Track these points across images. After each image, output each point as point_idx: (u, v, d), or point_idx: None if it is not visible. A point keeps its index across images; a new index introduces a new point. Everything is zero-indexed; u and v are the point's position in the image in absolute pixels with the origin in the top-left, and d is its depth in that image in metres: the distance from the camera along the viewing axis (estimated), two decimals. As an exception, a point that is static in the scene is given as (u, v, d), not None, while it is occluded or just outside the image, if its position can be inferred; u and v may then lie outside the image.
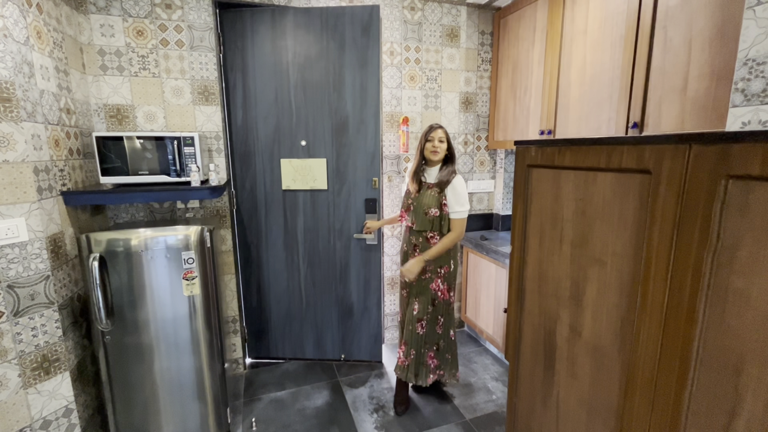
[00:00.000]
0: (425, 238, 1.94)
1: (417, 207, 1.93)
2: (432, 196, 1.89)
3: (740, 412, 0.65)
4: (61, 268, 1.54)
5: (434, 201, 1.89)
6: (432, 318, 1.97)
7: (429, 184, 1.92)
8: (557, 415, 1.09)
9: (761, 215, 0.60)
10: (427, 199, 1.90)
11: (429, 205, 1.89)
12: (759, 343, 0.62)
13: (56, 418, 1.51)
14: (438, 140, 1.90)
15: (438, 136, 1.90)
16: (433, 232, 1.92)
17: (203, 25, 2.04)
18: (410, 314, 1.96)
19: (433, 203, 1.89)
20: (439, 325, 2.00)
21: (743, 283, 0.63)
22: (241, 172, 2.32)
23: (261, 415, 2.05)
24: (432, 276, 1.93)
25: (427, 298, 1.94)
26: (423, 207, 1.91)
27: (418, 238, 1.96)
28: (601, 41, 1.77)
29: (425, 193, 1.91)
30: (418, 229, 1.93)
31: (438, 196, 1.88)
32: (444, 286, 1.97)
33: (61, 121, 1.62)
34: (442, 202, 1.88)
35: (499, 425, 1.95)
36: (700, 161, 0.68)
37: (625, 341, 0.86)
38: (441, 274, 1.95)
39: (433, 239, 1.91)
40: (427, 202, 1.90)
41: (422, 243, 1.95)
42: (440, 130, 1.91)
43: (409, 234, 2.02)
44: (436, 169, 1.96)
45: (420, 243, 1.95)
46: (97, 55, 1.92)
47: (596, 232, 0.92)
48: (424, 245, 1.94)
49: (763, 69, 1.06)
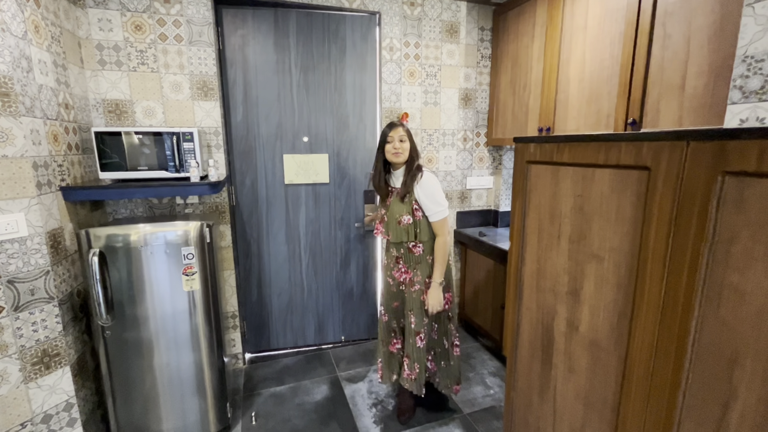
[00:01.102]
0: (407, 248, 1.80)
1: (389, 217, 1.79)
2: (401, 203, 1.74)
3: (734, 405, 0.66)
4: (61, 263, 1.54)
5: (404, 208, 1.73)
6: (429, 328, 1.87)
7: (396, 190, 1.78)
8: (554, 408, 1.10)
9: (756, 211, 0.61)
10: (396, 207, 1.75)
11: (399, 212, 1.74)
12: (753, 338, 0.63)
13: (57, 413, 1.52)
14: (399, 140, 1.71)
15: (398, 136, 1.71)
16: (412, 241, 1.77)
17: (202, 19, 2.03)
18: (408, 327, 1.84)
19: (403, 210, 1.73)
20: (434, 332, 1.91)
21: (738, 278, 0.64)
22: (242, 168, 2.33)
23: (261, 410, 2.06)
24: (421, 288, 1.79)
25: (421, 310, 1.80)
26: (395, 216, 1.75)
27: (399, 249, 1.82)
28: (601, 37, 1.77)
29: (394, 201, 1.77)
30: (394, 241, 1.79)
31: (408, 201, 1.73)
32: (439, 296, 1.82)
33: (59, 116, 1.62)
34: (413, 207, 1.73)
35: (496, 419, 1.97)
36: (697, 157, 0.68)
37: (622, 336, 0.87)
38: (428, 283, 1.80)
39: (416, 248, 1.78)
40: (397, 210, 1.75)
41: (405, 254, 1.81)
42: (400, 128, 1.73)
43: (388, 246, 1.89)
44: (401, 171, 1.78)
45: (403, 254, 1.82)
46: (95, 49, 1.91)
47: (594, 228, 0.92)
48: (408, 256, 1.81)
49: (761, 66, 1.06)
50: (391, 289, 1.90)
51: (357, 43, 2.39)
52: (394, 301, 1.91)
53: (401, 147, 1.72)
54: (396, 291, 1.89)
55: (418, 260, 1.80)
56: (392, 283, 1.89)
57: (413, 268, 1.81)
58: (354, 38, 2.38)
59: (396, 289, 1.88)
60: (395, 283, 1.88)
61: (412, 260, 1.81)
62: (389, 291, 1.91)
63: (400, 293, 1.88)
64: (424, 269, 1.80)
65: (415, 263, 1.80)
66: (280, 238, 2.48)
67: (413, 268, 1.81)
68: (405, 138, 1.72)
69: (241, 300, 2.44)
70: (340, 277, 2.64)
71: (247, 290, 2.49)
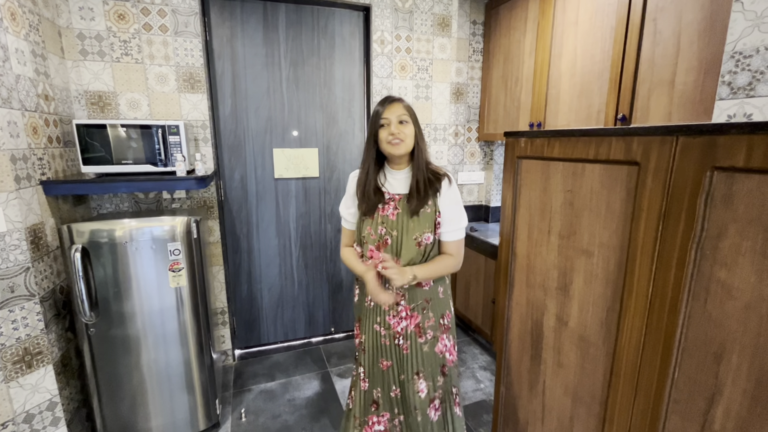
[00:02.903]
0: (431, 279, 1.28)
1: (402, 235, 1.22)
2: (417, 216, 1.21)
3: (720, 399, 0.67)
4: (42, 259, 1.50)
5: (426, 222, 1.21)
6: (446, 392, 1.33)
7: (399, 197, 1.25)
8: (543, 403, 1.11)
9: (744, 206, 0.61)
10: (414, 222, 1.22)
11: (420, 229, 1.22)
12: (739, 332, 0.63)
13: (40, 412, 1.49)
14: (397, 121, 1.18)
15: (396, 116, 1.18)
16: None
17: (188, 9, 1.98)
18: (413, 398, 1.30)
19: (424, 226, 1.21)
20: (456, 402, 1.37)
21: (725, 274, 0.64)
22: (230, 162, 2.30)
23: (250, 406, 2.05)
24: (435, 334, 1.29)
25: (435, 367, 1.30)
26: (411, 234, 1.22)
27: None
28: (592, 33, 1.77)
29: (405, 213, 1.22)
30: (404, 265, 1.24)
31: (431, 213, 1.22)
32: (452, 342, 1.34)
33: (39, 108, 1.56)
34: (436, 219, 1.23)
35: (486, 413, 1.99)
36: (686, 153, 0.68)
37: (611, 331, 0.87)
38: (445, 326, 1.31)
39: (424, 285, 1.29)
40: (416, 226, 1.22)
41: (410, 290, 1.27)
42: (398, 104, 1.20)
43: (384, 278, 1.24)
44: (405, 170, 1.27)
45: (406, 291, 1.27)
46: (76, 39, 1.85)
47: (584, 223, 0.92)
48: (414, 292, 1.27)
49: (749, 62, 1.07)
50: (379, 341, 1.32)
51: (346, 39, 2.39)
52: (382, 359, 1.33)
53: (401, 132, 1.18)
54: (389, 344, 1.31)
55: (428, 296, 1.28)
56: (384, 333, 1.31)
57: (421, 308, 1.28)
58: (343, 33, 2.37)
59: (389, 341, 1.31)
60: (389, 334, 1.30)
61: (420, 297, 1.27)
62: (376, 344, 1.33)
63: (395, 349, 1.31)
64: (438, 306, 1.30)
65: (424, 300, 1.28)
66: (271, 233, 2.46)
67: (421, 308, 1.28)
68: (407, 118, 1.19)
69: (230, 296, 2.42)
70: (330, 270, 2.65)
71: (237, 286, 2.47)
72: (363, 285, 1.33)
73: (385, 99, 1.23)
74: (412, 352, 1.30)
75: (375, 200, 1.25)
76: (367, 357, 1.35)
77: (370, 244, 1.27)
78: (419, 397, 1.30)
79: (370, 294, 1.23)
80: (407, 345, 1.30)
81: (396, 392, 1.34)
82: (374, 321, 1.33)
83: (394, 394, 1.35)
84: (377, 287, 1.21)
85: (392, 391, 1.34)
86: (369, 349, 1.35)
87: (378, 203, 1.25)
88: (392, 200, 1.25)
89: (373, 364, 1.35)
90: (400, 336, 1.29)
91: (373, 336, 1.33)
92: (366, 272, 1.23)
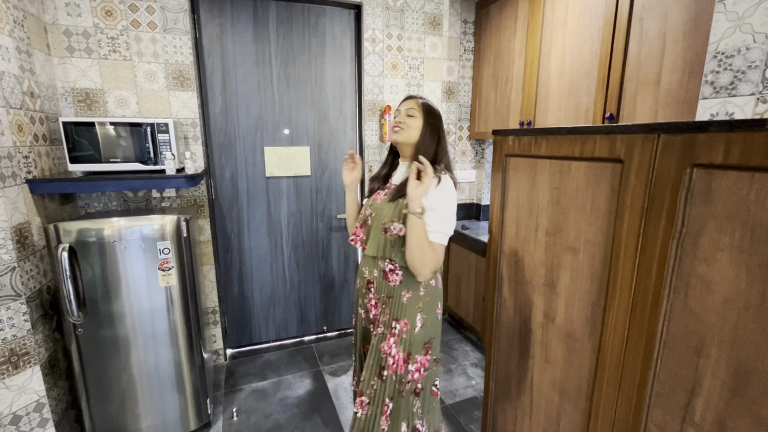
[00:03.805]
0: (382, 271, 1.25)
1: (375, 219, 1.25)
2: (392, 204, 1.22)
3: (700, 391, 0.68)
4: (28, 258, 1.48)
5: (395, 211, 1.20)
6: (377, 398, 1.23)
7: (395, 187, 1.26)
8: (531, 398, 1.12)
9: (723, 203, 0.63)
10: (386, 209, 1.22)
11: (389, 217, 1.20)
12: (718, 326, 0.65)
13: (27, 413, 1.47)
14: (406, 114, 1.23)
15: (406, 108, 1.24)
16: (393, 261, 1.22)
17: (177, 6, 1.96)
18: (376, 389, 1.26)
19: (393, 214, 1.20)
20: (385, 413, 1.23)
21: (705, 269, 0.66)
22: (221, 161, 2.28)
23: (242, 406, 2.04)
24: (384, 331, 1.25)
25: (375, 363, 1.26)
26: (381, 220, 1.22)
27: (373, 270, 1.27)
28: (580, 32, 1.78)
29: (384, 200, 1.25)
30: (370, 254, 1.25)
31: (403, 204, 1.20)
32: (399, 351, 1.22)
33: (24, 105, 1.54)
34: None
35: (477, 410, 2.00)
36: (667, 150, 0.69)
37: (596, 326, 0.89)
38: (396, 330, 1.22)
39: (393, 274, 1.22)
40: (386, 213, 1.21)
41: (378, 279, 1.26)
42: (411, 100, 1.25)
43: (363, 262, 1.32)
44: (406, 164, 1.30)
45: (375, 279, 1.26)
46: (62, 35, 1.82)
47: (570, 220, 0.93)
48: (381, 284, 1.25)
49: (731, 62, 1.09)
50: (361, 323, 1.36)
51: (337, 37, 2.38)
52: (365, 343, 1.38)
53: (405, 122, 1.23)
54: (369, 328, 1.33)
55: (390, 293, 1.24)
56: (364, 316, 1.34)
57: (382, 302, 1.26)
58: (334, 31, 2.37)
59: (368, 324, 1.33)
60: (368, 317, 1.33)
61: (384, 291, 1.25)
62: (358, 325, 1.38)
63: (366, 333, 1.35)
64: (396, 309, 1.23)
65: (386, 296, 1.25)
66: (262, 231, 2.45)
67: (382, 302, 1.26)
68: (414, 112, 1.23)
69: (221, 295, 2.40)
70: (322, 268, 2.65)
71: (228, 285, 2.46)
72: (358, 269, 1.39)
73: (406, 97, 1.30)
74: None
75: (376, 185, 1.36)
76: (355, 338, 1.43)
77: (358, 222, 1.35)
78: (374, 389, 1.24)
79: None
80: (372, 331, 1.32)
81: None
82: (358, 304, 1.38)
83: None
84: None
85: None
86: (358, 331, 1.41)
87: (377, 188, 1.35)
88: (388, 188, 1.31)
89: (358, 346, 1.42)
90: (369, 322, 1.34)
91: (359, 318, 1.40)
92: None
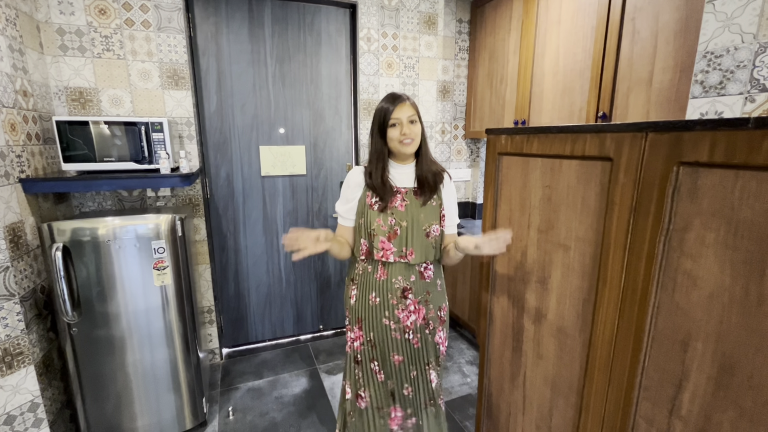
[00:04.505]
0: (419, 273, 1.29)
1: (412, 227, 1.24)
2: (424, 208, 1.26)
3: (686, 385, 0.70)
4: (22, 258, 1.47)
5: (432, 214, 1.26)
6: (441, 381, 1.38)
7: (407, 191, 1.27)
8: (524, 394, 1.13)
9: (708, 200, 0.64)
10: (423, 213, 1.25)
11: (428, 221, 1.25)
12: (704, 321, 0.66)
13: (21, 413, 1.47)
14: (408, 121, 1.20)
15: (407, 116, 1.20)
16: (428, 262, 1.30)
17: (171, 5, 1.96)
18: (424, 389, 1.35)
19: (431, 217, 1.25)
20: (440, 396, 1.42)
21: (691, 265, 0.67)
22: (216, 160, 2.28)
23: (238, 404, 2.04)
24: (435, 325, 1.33)
25: (436, 358, 1.36)
26: (421, 226, 1.24)
27: (409, 275, 1.27)
28: (574, 32, 1.80)
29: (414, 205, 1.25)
30: (416, 262, 1.26)
31: (436, 205, 1.27)
32: (445, 334, 1.38)
33: (17, 104, 1.53)
34: (441, 212, 1.28)
35: (472, 407, 2.02)
36: (655, 149, 0.71)
37: (586, 322, 0.90)
38: (441, 318, 1.34)
39: (428, 270, 1.30)
40: (425, 218, 1.25)
41: (416, 282, 1.28)
42: (408, 104, 1.21)
43: (390, 272, 1.27)
44: (410, 166, 1.30)
45: (413, 283, 1.28)
46: (55, 34, 1.81)
47: (561, 218, 0.95)
48: (419, 284, 1.29)
49: (720, 62, 1.10)
50: (390, 335, 1.31)
51: (333, 36, 2.39)
52: (394, 353, 1.32)
53: (412, 132, 1.21)
54: (400, 338, 1.30)
55: (428, 288, 1.30)
56: (394, 327, 1.30)
57: (424, 300, 1.30)
58: (330, 30, 2.37)
59: (400, 335, 1.30)
60: (399, 328, 1.30)
61: (422, 290, 1.29)
62: (386, 338, 1.32)
63: (405, 343, 1.31)
64: (436, 299, 1.32)
65: (425, 293, 1.30)
66: (258, 231, 2.45)
67: (424, 300, 1.30)
68: (415, 118, 1.22)
69: (217, 294, 2.40)
70: (318, 267, 2.65)
71: (224, 284, 2.46)
72: (360, 284, 1.32)
73: (393, 97, 1.22)
74: (422, 344, 1.32)
75: (390, 193, 1.25)
76: (380, 350, 1.32)
77: (380, 235, 1.25)
78: (432, 386, 1.34)
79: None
80: (417, 338, 1.31)
81: (409, 390, 1.34)
82: (382, 316, 1.30)
83: (407, 392, 1.34)
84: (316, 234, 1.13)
85: (405, 388, 1.34)
86: (379, 344, 1.32)
87: (391, 195, 1.26)
88: (398, 193, 1.26)
89: (385, 356, 1.33)
90: (410, 330, 1.30)
91: (383, 331, 1.30)
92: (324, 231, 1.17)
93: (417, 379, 1.34)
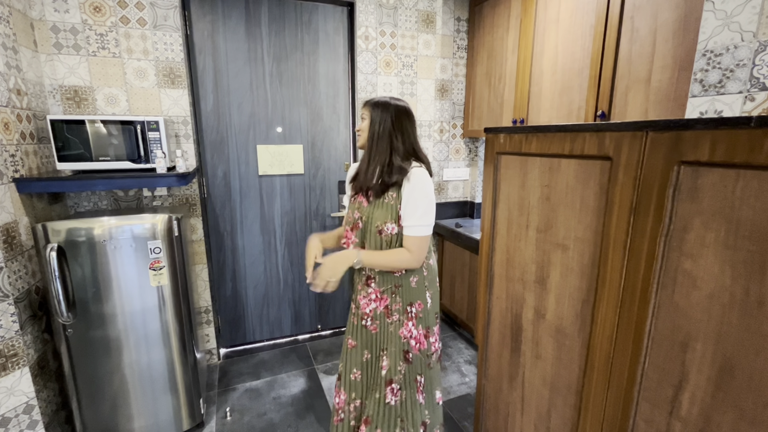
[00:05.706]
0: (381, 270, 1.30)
1: (367, 223, 1.29)
2: (381, 206, 1.26)
3: (686, 386, 0.69)
4: (16, 259, 1.46)
5: (387, 212, 1.24)
6: (408, 380, 1.32)
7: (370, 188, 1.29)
8: (522, 394, 1.13)
9: (708, 199, 0.63)
10: (377, 211, 1.26)
11: (382, 218, 1.25)
12: (703, 321, 0.65)
13: (16, 415, 1.45)
14: (361, 118, 1.33)
15: (361, 113, 1.33)
16: None
17: (167, 2, 1.94)
18: (375, 375, 1.34)
19: (386, 215, 1.24)
20: (419, 390, 1.35)
21: (691, 265, 0.66)
22: (213, 159, 2.27)
23: (236, 405, 2.03)
24: (401, 318, 1.31)
25: (398, 349, 1.31)
26: (374, 223, 1.26)
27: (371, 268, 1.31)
28: (572, 30, 1.79)
29: (374, 202, 1.28)
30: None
31: (392, 203, 1.24)
32: (419, 330, 1.32)
33: (10, 103, 1.51)
34: (399, 211, 1.24)
35: (470, 406, 2.01)
36: (655, 148, 0.70)
37: (585, 322, 0.89)
38: (412, 314, 1.31)
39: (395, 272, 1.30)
40: (378, 216, 1.25)
41: (381, 273, 1.31)
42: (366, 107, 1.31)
43: None
44: None
45: (377, 274, 1.31)
46: (50, 32, 1.80)
47: (560, 217, 0.94)
48: (386, 277, 1.30)
49: (720, 60, 1.10)
50: (350, 319, 1.40)
51: (330, 34, 2.37)
52: (348, 336, 1.41)
53: (360, 126, 1.33)
54: (356, 324, 1.36)
55: (397, 282, 1.30)
56: (354, 312, 1.38)
57: (390, 292, 1.31)
58: (327, 29, 2.36)
59: (357, 321, 1.36)
60: (357, 314, 1.36)
61: (389, 282, 1.30)
62: (348, 323, 1.41)
63: (361, 330, 1.35)
64: (407, 294, 1.31)
65: (394, 286, 1.30)
66: (255, 230, 2.44)
67: (390, 292, 1.31)
68: (364, 116, 1.31)
69: (214, 294, 2.39)
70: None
71: (221, 284, 2.44)
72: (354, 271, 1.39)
73: None
74: (381, 331, 1.33)
75: (357, 186, 1.34)
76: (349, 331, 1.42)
77: (346, 225, 1.37)
78: (381, 374, 1.33)
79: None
80: (375, 325, 1.33)
81: (356, 375, 1.37)
82: (351, 301, 1.41)
83: (354, 376, 1.37)
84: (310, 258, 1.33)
85: (352, 373, 1.37)
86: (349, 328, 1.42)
87: (359, 189, 1.33)
88: (369, 189, 1.30)
89: (344, 342, 1.42)
90: (368, 317, 1.34)
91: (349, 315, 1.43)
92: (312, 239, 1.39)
93: (368, 363, 1.36)
